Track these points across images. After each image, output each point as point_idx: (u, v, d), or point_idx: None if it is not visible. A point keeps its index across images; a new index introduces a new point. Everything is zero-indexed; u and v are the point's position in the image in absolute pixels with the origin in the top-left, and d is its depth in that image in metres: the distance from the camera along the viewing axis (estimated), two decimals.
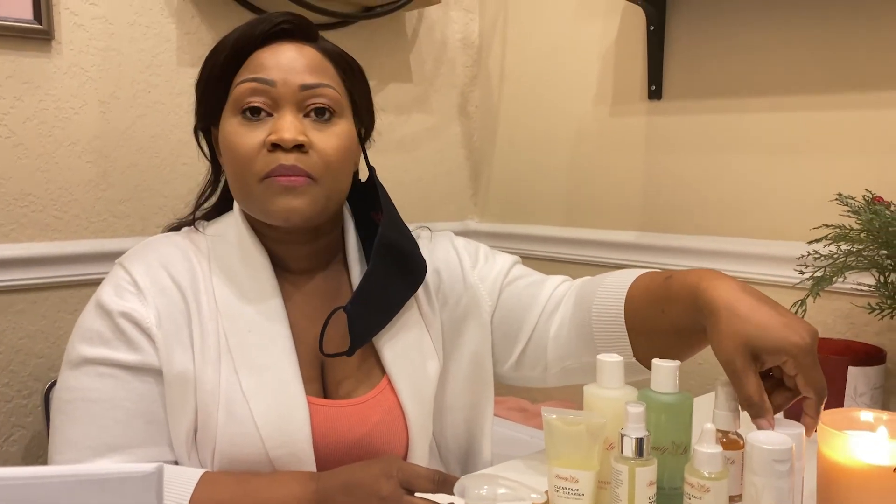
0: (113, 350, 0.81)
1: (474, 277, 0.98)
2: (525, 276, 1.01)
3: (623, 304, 0.89)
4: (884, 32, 1.20)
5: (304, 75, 0.84)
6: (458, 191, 1.82)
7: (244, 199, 0.86)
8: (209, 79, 0.87)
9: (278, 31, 0.87)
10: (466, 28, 1.80)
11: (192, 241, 0.90)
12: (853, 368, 1.11)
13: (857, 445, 0.72)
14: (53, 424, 0.81)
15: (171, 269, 0.85)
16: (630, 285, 0.89)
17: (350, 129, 0.88)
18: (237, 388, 0.82)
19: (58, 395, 0.82)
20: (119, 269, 0.86)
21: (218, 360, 0.83)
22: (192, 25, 1.35)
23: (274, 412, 0.82)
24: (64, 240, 1.24)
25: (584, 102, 1.61)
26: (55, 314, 1.24)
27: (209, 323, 0.84)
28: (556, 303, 0.97)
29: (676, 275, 0.85)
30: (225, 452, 0.81)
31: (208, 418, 0.81)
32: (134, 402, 0.80)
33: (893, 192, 1.13)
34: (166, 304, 0.83)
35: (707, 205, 1.42)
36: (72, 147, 1.24)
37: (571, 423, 0.76)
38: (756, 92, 1.34)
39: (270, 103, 0.84)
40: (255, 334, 0.84)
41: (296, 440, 0.82)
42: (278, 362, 0.84)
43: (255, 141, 0.83)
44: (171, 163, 1.34)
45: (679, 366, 0.80)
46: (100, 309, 0.83)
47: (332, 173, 0.85)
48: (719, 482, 0.70)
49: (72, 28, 1.23)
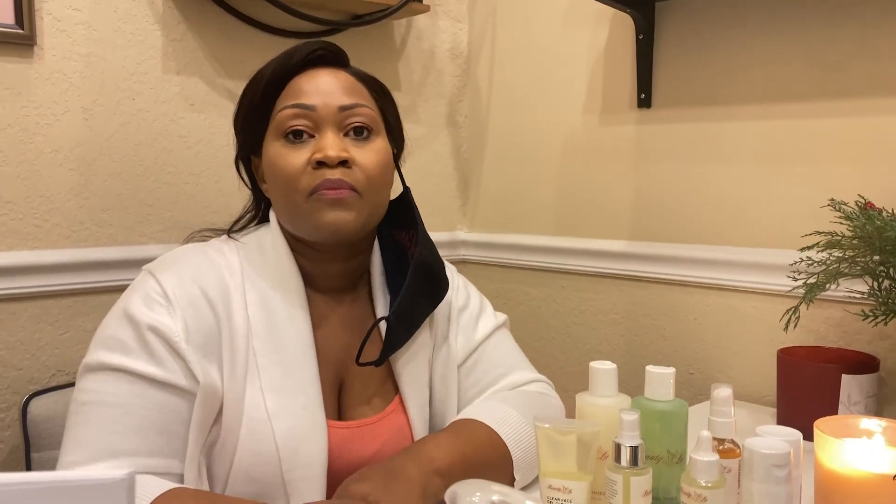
0: (134, 360, 0.80)
1: (455, 320, 1.01)
2: (497, 348, 1.03)
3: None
4: (871, 40, 1.20)
5: (341, 97, 0.89)
6: (447, 201, 1.81)
7: (292, 218, 0.89)
8: (250, 108, 0.92)
9: (314, 58, 0.92)
10: (455, 37, 1.79)
11: (223, 256, 0.91)
12: (846, 377, 1.10)
13: (855, 453, 0.71)
14: (67, 425, 0.81)
15: (203, 283, 0.86)
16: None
17: (387, 146, 0.93)
18: (262, 408, 0.83)
19: (75, 396, 0.82)
20: (149, 277, 0.86)
21: (244, 378, 0.84)
22: (177, 32, 1.34)
23: (295, 436, 0.84)
24: (44, 249, 1.22)
25: (574, 111, 1.60)
26: (35, 325, 1.21)
27: (240, 340, 0.85)
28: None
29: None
30: (241, 470, 0.82)
31: (229, 434, 0.83)
32: (149, 411, 0.80)
33: (883, 198, 1.13)
34: (195, 318, 0.83)
35: (697, 213, 1.41)
36: (53, 155, 1.22)
37: (564, 431, 0.74)
38: (746, 100, 1.34)
39: (312, 126, 0.88)
40: (284, 356, 0.86)
41: (312, 464, 0.84)
42: (303, 386, 0.86)
43: (300, 160, 0.86)
44: (155, 172, 1.32)
45: (674, 373, 0.78)
46: (126, 318, 0.83)
47: (375, 188, 0.89)
48: (717, 491, 0.68)
49: (54, 33, 1.21)
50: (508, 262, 1.74)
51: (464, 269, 1.81)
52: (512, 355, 1.04)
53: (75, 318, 1.25)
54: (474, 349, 1.01)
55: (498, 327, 1.05)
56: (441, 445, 0.82)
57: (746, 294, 1.35)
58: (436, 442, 0.83)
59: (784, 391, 1.17)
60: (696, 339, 1.42)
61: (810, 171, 1.27)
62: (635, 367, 1.47)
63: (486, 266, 1.79)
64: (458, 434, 0.85)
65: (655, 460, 0.77)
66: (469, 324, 1.02)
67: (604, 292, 1.56)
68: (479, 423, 0.88)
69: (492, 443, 0.87)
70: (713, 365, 1.40)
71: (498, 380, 1.00)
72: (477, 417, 0.89)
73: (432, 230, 0.99)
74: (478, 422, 0.89)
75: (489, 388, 0.99)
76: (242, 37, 1.42)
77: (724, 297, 1.38)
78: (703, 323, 1.41)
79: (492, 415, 0.90)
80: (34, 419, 1.12)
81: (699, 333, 1.41)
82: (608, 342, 1.56)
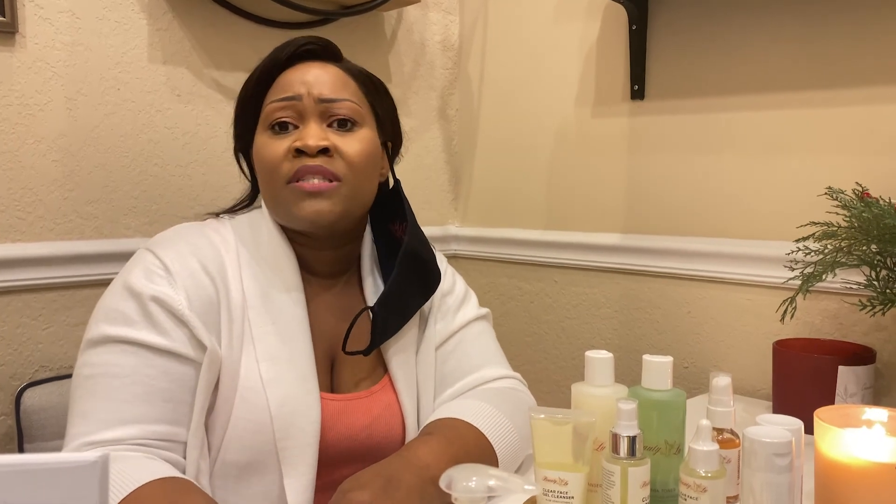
0: (138, 331, 0.82)
1: (438, 303, 1.02)
2: (476, 339, 1.03)
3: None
4: (866, 28, 1.19)
5: (324, 89, 0.90)
6: (439, 195, 1.79)
7: (275, 207, 0.91)
8: (242, 102, 0.95)
9: (303, 52, 0.93)
10: (446, 30, 1.77)
11: (219, 233, 0.92)
12: (843, 368, 1.09)
13: (855, 442, 0.70)
14: (71, 399, 0.82)
15: (201, 257, 0.87)
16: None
17: (373, 136, 0.94)
18: (257, 377, 0.85)
19: (77, 371, 0.83)
20: (148, 253, 0.87)
21: (241, 348, 0.86)
22: (164, 21, 1.31)
23: (289, 405, 0.85)
24: (28, 241, 1.19)
25: (566, 104, 1.59)
26: (18, 319, 1.18)
27: (236, 311, 0.87)
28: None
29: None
30: (235, 437, 0.84)
31: (224, 403, 0.84)
32: (155, 380, 0.81)
33: (878, 188, 1.12)
34: (196, 288, 0.85)
35: (691, 205, 1.40)
36: (36, 145, 1.19)
37: (559, 422, 0.73)
38: (740, 90, 1.33)
39: (296, 116, 0.90)
40: (278, 327, 0.88)
41: (305, 433, 0.85)
42: (297, 357, 0.88)
43: (281, 149, 0.88)
44: (141, 163, 1.30)
45: (672, 361, 0.77)
46: (127, 291, 0.84)
47: (356, 175, 0.90)
48: (717, 481, 0.67)
49: (37, 21, 1.18)
50: (501, 257, 1.72)
51: (456, 263, 1.79)
52: (489, 349, 1.04)
53: (60, 312, 1.22)
54: (452, 334, 1.02)
55: (479, 317, 1.06)
56: (434, 452, 0.82)
57: (741, 286, 1.33)
58: (429, 448, 0.83)
59: (780, 384, 1.16)
60: (691, 333, 1.41)
61: (805, 162, 1.26)
62: (629, 362, 1.45)
63: (479, 261, 1.77)
64: (450, 441, 0.85)
65: (653, 451, 0.75)
66: (451, 308, 1.03)
67: (597, 286, 1.55)
68: (468, 426, 0.88)
69: (480, 445, 0.88)
70: (708, 358, 1.38)
71: (472, 371, 1.00)
72: (465, 418, 0.89)
73: (424, 224, 0.99)
74: (467, 424, 0.89)
75: (462, 378, 1.00)
76: (230, 27, 1.39)
77: (718, 290, 1.36)
78: (698, 316, 1.39)
79: (479, 416, 0.90)
80: (27, 410, 1.10)
81: (693, 327, 1.40)
82: (602, 336, 1.54)
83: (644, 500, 0.70)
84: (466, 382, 1.00)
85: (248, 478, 0.85)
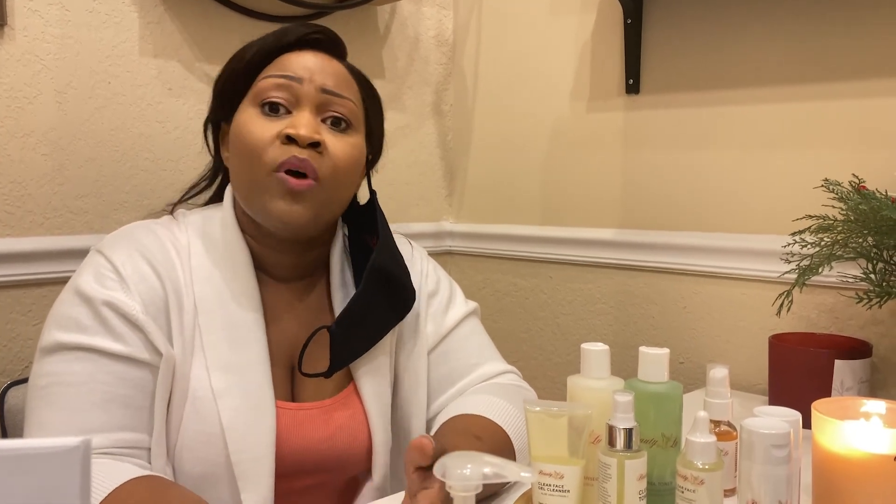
0: (91, 336, 0.78)
1: (424, 306, 0.99)
2: (469, 338, 1.01)
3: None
4: (861, 22, 1.18)
5: (328, 80, 0.86)
6: (433, 191, 1.78)
7: (248, 192, 0.85)
8: (232, 73, 0.89)
9: (310, 40, 0.89)
10: (440, 24, 1.76)
11: (171, 232, 0.88)
12: (839, 362, 1.08)
13: (854, 434, 0.69)
14: (27, 411, 0.79)
15: (152, 259, 0.84)
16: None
17: (362, 144, 0.90)
18: (207, 387, 0.81)
19: (32, 382, 0.80)
20: (98, 256, 0.84)
21: (191, 356, 0.82)
22: (155, 15, 1.30)
23: (241, 416, 0.81)
24: (17, 237, 1.17)
25: (561, 98, 1.58)
26: (7, 315, 1.17)
27: (187, 316, 0.83)
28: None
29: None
30: (185, 448, 0.80)
31: (175, 411, 0.81)
32: (111, 386, 0.78)
33: (874, 182, 1.11)
34: (148, 292, 0.82)
35: (687, 200, 1.39)
36: (25, 139, 1.18)
37: (555, 414, 0.72)
38: (735, 84, 1.32)
39: (292, 100, 0.85)
40: (230, 334, 0.84)
41: (259, 445, 0.82)
42: (250, 366, 0.84)
43: (270, 132, 0.83)
44: (132, 157, 1.28)
45: (668, 353, 0.76)
46: (79, 296, 0.81)
47: (338, 179, 0.86)
48: (714, 473, 0.66)
49: (26, 13, 1.17)
50: (496, 253, 1.71)
51: (450, 260, 1.79)
52: (483, 346, 1.03)
53: (49, 308, 1.20)
54: (444, 336, 0.99)
55: (468, 315, 1.03)
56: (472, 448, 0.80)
57: (737, 281, 1.33)
58: (467, 448, 0.81)
59: (776, 378, 1.15)
60: (686, 328, 1.40)
61: (800, 156, 1.25)
62: (625, 357, 1.45)
63: (473, 257, 1.76)
64: (479, 438, 0.83)
65: (649, 444, 0.74)
66: (439, 310, 1.00)
67: (592, 282, 1.54)
68: (491, 423, 0.87)
69: (503, 440, 0.86)
70: (704, 353, 1.38)
71: (471, 370, 0.99)
72: (486, 415, 0.88)
73: (418, 220, 0.97)
74: (491, 421, 0.87)
75: (462, 379, 0.98)
76: (222, 20, 1.38)
77: (714, 285, 1.36)
78: (693, 311, 1.39)
79: (499, 412, 0.89)
80: (11, 409, 1.08)
81: (689, 322, 1.40)
82: (597, 332, 1.53)
83: (640, 494, 0.69)
84: (467, 382, 0.98)
85: (204, 490, 0.81)
